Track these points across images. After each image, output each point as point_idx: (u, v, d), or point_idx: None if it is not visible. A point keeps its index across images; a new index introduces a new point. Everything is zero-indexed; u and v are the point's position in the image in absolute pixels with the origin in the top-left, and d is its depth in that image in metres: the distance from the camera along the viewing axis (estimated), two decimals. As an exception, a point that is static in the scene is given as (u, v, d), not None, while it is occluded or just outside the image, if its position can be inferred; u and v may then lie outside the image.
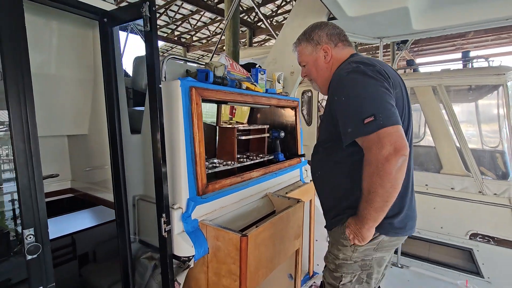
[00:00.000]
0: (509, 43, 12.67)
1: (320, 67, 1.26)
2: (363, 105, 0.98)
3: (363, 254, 1.15)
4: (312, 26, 1.29)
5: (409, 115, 1.16)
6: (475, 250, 3.49)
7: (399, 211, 1.12)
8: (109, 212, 2.30)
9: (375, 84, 1.00)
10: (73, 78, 1.61)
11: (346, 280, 1.17)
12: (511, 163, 3.58)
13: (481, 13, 2.04)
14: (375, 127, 0.93)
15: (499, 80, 3.45)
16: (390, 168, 0.91)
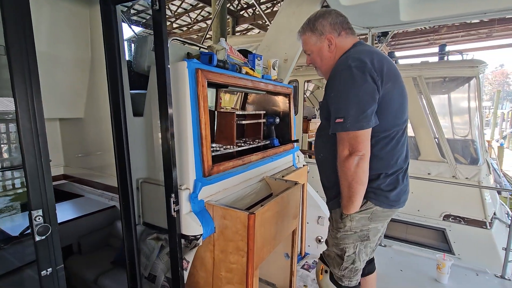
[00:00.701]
0: (477, 39, 13.49)
1: (325, 56, 1.32)
2: (340, 106, 1.13)
3: (360, 223, 1.26)
4: (316, 15, 1.32)
5: (403, 103, 1.24)
6: (448, 230, 3.80)
7: (394, 187, 1.24)
8: (93, 202, 2.29)
9: (358, 87, 1.11)
10: (68, 57, 1.54)
11: (350, 252, 1.28)
12: (481, 151, 3.88)
13: (462, 7, 2.19)
14: (340, 129, 1.12)
15: (472, 72, 3.70)
16: (349, 165, 1.12)
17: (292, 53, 2.46)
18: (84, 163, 1.86)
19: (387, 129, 1.19)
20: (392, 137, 1.21)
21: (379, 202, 1.23)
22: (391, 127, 1.20)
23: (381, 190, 1.22)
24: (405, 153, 1.28)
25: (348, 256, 1.29)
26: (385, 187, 1.22)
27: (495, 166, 8.12)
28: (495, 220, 3.77)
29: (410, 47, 15.67)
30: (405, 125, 1.28)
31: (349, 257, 1.29)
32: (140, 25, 12.27)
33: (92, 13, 1.52)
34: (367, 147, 1.13)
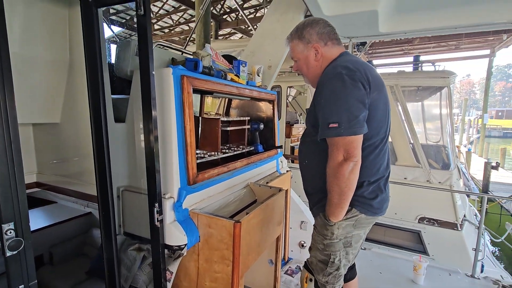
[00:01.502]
0: (447, 51, 14.43)
1: (311, 64, 1.34)
2: (333, 111, 1.13)
3: (345, 231, 1.28)
4: (304, 23, 1.34)
5: (386, 112, 1.29)
6: (423, 232, 3.97)
7: (377, 195, 1.28)
8: (67, 209, 2.17)
9: (349, 93, 1.13)
10: (44, 59, 1.46)
11: (336, 259, 1.31)
12: (452, 156, 4.11)
13: (435, 21, 2.34)
14: (335, 134, 1.12)
15: (444, 82, 3.93)
16: (343, 171, 1.12)
17: (276, 59, 2.49)
18: (59, 169, 1.77)
19: (371, 137, 1.22)
20: (376, 145, 1.25)
21: (364, 209, 1.26)
22: (375, 135, 1.23)
23: (364, 198, 1.25)
24: (386, 162, 1.32)
25: (333, 263, 1.31)
26: (368, 195, 1.25)
27: (464, 170, 8.63)
28: (465, 222, 3.99)
29: (386, 56, 16.46)
30: (387, 134, 1.31)
31: (334, 264, 1.31)
32: (119, 25, 11.93)
33: (71, 13, 1.46)
34: (360, 154, 1.14)
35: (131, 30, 13.92)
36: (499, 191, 9.59)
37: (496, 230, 7.08)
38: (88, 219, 2.20)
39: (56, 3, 1.41)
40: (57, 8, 1.42)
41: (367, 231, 1.44)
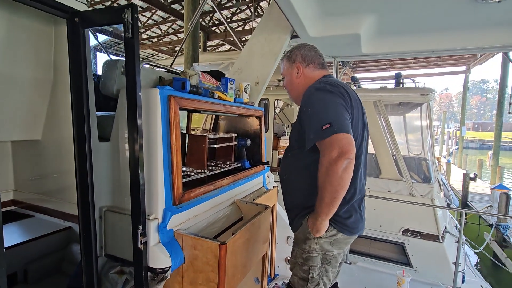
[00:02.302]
0: (426, 66, 15.22)
1: (293, 82, 1.48)
2: (323, 115, 1.17)
3: (323, 247, 1.32)
4: (295, 46, 1.51)
5: (363, 130, 1.35)
6: (407, 244, 4.05)
7: (350, 215, 1.32)
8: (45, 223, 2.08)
9: (335, 100, 1.21)
10: (27, 77, 1.43)
11: (315, 274, 1.33)
12: (433, 169, 4.26)
13: (413, 45, 2.49)
14: (330, 133, 1.12)
15: (423, 99, 4.11)
16: (337, 168, 1.09)
17: (263, 76, 2.54)
18: (38, 187, 1.71)
19: None
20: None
21: (341, 229, 1.30)
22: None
23: (339, 217, 1.28)
24: (362, 181, 1.36)
25: (313, 278, 1.33)
26: (342, 214, 1.28)
27: (444, 181, 8.94)
28: (446, 234, 4.11)
29: (370, 70, 17.11)
30: (363, 155, 1.36)
31: (314, 279, 1.33)
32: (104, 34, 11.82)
33: (57, 32, 1.45)
34: (355, 153, 1.12)
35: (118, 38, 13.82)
36: (477, 201, 9.96)
37: (475, 239, 7.33)
38: (68, 233, 2.11)
39: (41, 21, 1.40)
40: (42, 26, 1.40)
41: (346, 251, 1.48)
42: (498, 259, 6.51)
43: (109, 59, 1.48)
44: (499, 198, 7.64)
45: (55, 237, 2.02)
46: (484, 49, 2.29)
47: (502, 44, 2.18)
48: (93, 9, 1.24)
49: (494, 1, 1.70)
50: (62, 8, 1.19)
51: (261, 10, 11.06)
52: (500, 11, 1.90)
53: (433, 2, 1.83)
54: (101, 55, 2.68)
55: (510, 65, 11.52)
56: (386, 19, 2.12)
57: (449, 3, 1.84)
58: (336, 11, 2.11)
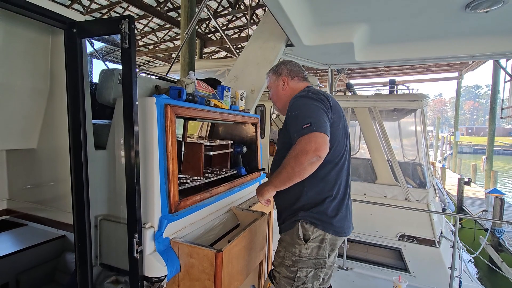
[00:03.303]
0: (419, 72, 15.48)
1: (279, 93, 1.62)
2: (305, 116, 1.27)
3: (315, 252, 1.35)
4: (280, 62, 1.66)
5: (345, 135, 1.45)
6: (403, 249, 4.05)
7: (336, 213, 1.37)
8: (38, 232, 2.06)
9: (316, 104, 1.33)
10: (23, 87, 1.43)
11: (302, 274, 1.36)
12: (428, 174, 4.30)
13: (405, 53, 2.54)
14: (309, 130, 1.22)
15: (417, 105, 4.17)
16: (305, 159, 1.19)
17: (259, 84, 2.56)
18: (33, 196, 1.70)
19: (332, 154, 1.35)
20: (336, 162, 1.38)
21: (326, 228, 1.34)
22: (336, 153, 1.37)
23: (326, 216, 1.34)
24: (346, 182, 1.44)
25: (299, 278, 1.36)
26: (330, 212, 1.34)
27: (440, 185, 9.01)
28: (442, 239, 4.13)
29: (364, 76, 17.32)
30: (346, 157, 1.44)
31: (300, 279, 1.36)
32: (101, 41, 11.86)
33: (54, 41, 1.46)
34: (325, 155, 1.21)
35: (114, 45, 13.83)
36: (472, 205, 10.03)
37: (471, 244, 7.36)
38: (62, 242, 2.08)
39: (38, 31, 1.41)
40: (40, 36, 1.42)
41: (334, 256, 1.52)
42: (494, 264, 6.53)
43: (106, 68, 1.50)
44: (494, 202, 7.71)
45: (48, 246, 1.99)
46: (474, 57, 2.35)
47: (492, 52, 2.25)
48: (90, 19, 1.25)
49: (482, 11, 1.76)
50: (60, 19, 1.20)
51: (256, 17, 11.21)
52: (488, 20, 1.96)
53: (424, 12, 1.89)
54: (97, 62, 2.69)
55: (501, 71, 11.75)
56: (378, 28, 2.17)
57: (439, 13, 1.90)
58: (330, 21, 2.16)
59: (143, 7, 8.67)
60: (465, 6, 1.76)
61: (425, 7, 1.81)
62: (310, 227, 1.33)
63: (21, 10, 1.09)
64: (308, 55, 2.71)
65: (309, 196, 1.35)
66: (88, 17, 9.95)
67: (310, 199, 1.35)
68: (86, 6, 9.68)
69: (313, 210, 1.34)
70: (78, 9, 9.69)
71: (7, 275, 1.80)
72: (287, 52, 2.57)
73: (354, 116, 4.55)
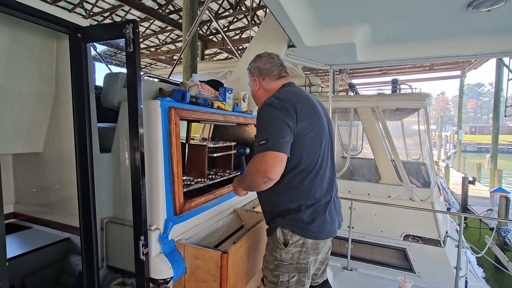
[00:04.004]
0: (422, 71, 15.41)
1: (254, 94, 1.55)
2: (264, 131, 1.23)
3: (296, 256, 1.31)
4: (253, 58, 1.53)
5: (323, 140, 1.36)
6: (408, 250, 4.03)
7: (314, 219, 1.31)
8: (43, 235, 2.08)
9: (278, 116, 1.24)
10: (29, 91, 1.46)
11: (284, 279, 1.32)
12: (432, 174, 4.28)
13: (408, 53, 2.53)
14: (263, 148, 1.19)
15: (420, 104, 4.15)
16: (257, 178, 1.20)
17: (261, 85, 2.56)
18: (39, 199, 1.71)
19: (303, 163, 1.30)
20: (310, 171, 1.31)
21: (304, 233, 1.30)
22: (307, 161, 1.31)
23: (303, 222, 1.30)
24: (325, 187, 1.37)
25: (282, 282, 1.32)
26: (306, 218, 1.30)
27: (444, 185, 8.94)
28: (447, 238, 4.10)
29: (365, 75, 17.28)
30: (324, 163, 1.37)
31: (283, 283, 1.32)
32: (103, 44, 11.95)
33: (59, 45, 1.48)
34: (279, 174, 1.19)
35: (117, 49, 13.87)
36: (477, 205, 9.95)
37: (476, 243, 7.30)
38: (66, 244, 2.10)
39: (43, 36, 1.43)
40: (45, 41, 1.44)
41: (323, 255, 1.46)
42: (500, 263, 6.47)
43: (110, 72, 1.51)
44: (499, 201, 7.63)
45: (53, 248, 2.01)
46: (476, 56, 2.34)
47: (494, 51, 2.23)
48: (94, 24, 1.27)
49: (484, 10, 1.75)
50: (65, 24, 1.22)
51: (257, 18, 11.24)
52: (490, 19, 1.95)
53: (425, 11, 1.89)
54: (100, 65, 2.72)
55: (505, 69, 11.67)
56: (379, 28, 2.17)
57: (441, 12, 1.89)
58: (331, 21, 2.16)
59: (145, 10, 8.73)
60: (467, 5, 1.76)
61: (427, 7, 1.81)
62: (288, 233, 1.31)
63: (27, 16, 1.11)
64: (310, 56, 2.71)
65: (284, 204, 1.33)
66: (91, 21, 10.04)
67: (286, 206, 1.33)
68: (88, 10, 9.75)
69: (289, 217, 1.31)
70: (80, 12, 9.77)
71: (13, 277, 1.82)
72: (289, 53, 2.57)
73: (357, 116, 4.54)
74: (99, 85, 1.69)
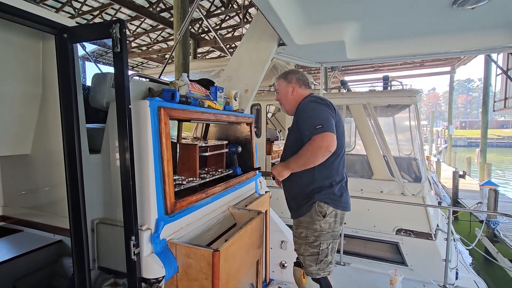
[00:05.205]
0: (412, 67, 15.60)
1: (288, 97, 1.88)
2: (316, 119, 1.58)
3: (331, 226, 1.65)
4: (290, 70, 1.92)
5: (343, 131, 1.76)
6: (400, 243, 4.10)
7: (342, 193, 1.70)
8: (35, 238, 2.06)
9: (324, 109, 1.64)
10: (14, 92, 1.43)
11: (324, 247, 1.65)
12: (423, 169, 4.35)
13: (396, 50, 2.58)
14: (321, 131, 1.53)
15: (411, 100, 4.21)
16: (320, 152, 1.53)
17: (252, 84, 2.57)
18: (28, 202, 1.70)
19: (337, 147, 1.61)
20: (338, 154, 1.69)
21: (336, 205, 1.66)
22: (338, 146, 1.63)
23: (335, 195, 1.66)
24: (344, 167, 1.78)
25: (322, 250, 1.64)
26: (337, 192, 1.67)
27: (435, 179, 9.09)
28: (439, 232, 4.18)
29: (358, 72, 17.41)
30: (344, 149, 1.77)
31: (323, 251, 1.64)
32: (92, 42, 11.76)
33: (45, 46, 1.46)
34: (335, 148, 1.53)
35: (107, 48, 13.68)
36: (467, 198, 10.16)
37: (467, 236, 7.46)
38: (59, 247, 2.08)
39: (29, 37, 1.41)
40: (31, 42, 1.41)
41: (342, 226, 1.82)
42: (490, 254, 6.63)
43: (98, 72, 1.50)
44: (488, 194, 7.81)
45: (45, 251, 1.99)
46: (463, 52, 2.38)
47: (480, 47, 2.28)
48: (81, 24, 1.26)
49: (468, 8, 1.79)
50: (50, 24, 1.20)
51: (249, 16, 11.19)
52: (475, 17, 1.99)
53: (412, 9, 1.91)
54: (90, 64, 2.68)
55: (493, 65, 11.89)
56: (368, 26, 2.19)
57: (427, 10, 1.93)
58: (320, 20, 2.17)
59: (135, 8, 8.61)
60: (452, 3, 1.79)
61: (413, 4, 1.84)
62: (324, 205, 1.63)
63: (11, 16, 1.09)
64: (300, 54, 2.73)
65: (319, 181, 1.65)
66: (79, 19, 9.86)
67: (320, 183, 1.65)
68: (77, 9, 9.58)
69: (324, 192, 1.64)
70: (69, 11, 9.59)
71: (4, 282, 1.80)
72: (279, 51, 2.58)
73: (349, 113, 4.58)
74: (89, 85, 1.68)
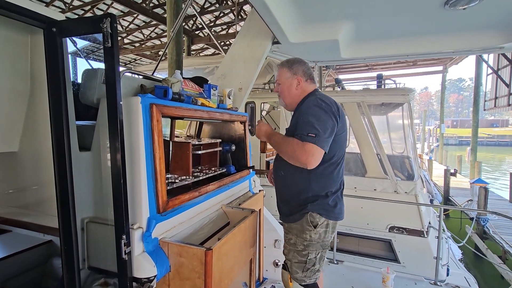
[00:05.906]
0: (406, 66, 15.77)
1: (292, 91, 1.68)
2: (313, 127, 1.44)
3: (322, 236, 1.59)
4: (296, 59, 1.71)
5: (346, 137, 1.70)
6: (393, 241, 4.15)
7: (336, 203, 1.62)
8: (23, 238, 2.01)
9: (327, 119, 1.48)
10: (1, 88, 1.39)
11: (312, 256, 1.59)
12: (415, 167, 4.40)
13: (390, 50, 2.59)
14: (311, 140, 1.41)
15: (404, 99, 4.25)
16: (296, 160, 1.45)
17: (246, 82, 2.56)
18: (17, 201, 1.66)
19: (334, 157, 1.56)
20: (337, 163, 1.60)
21: (329, 216, 1.58)
22: (337, 155, 1.58)
23: (329, 206, 1.58)
24: (342, 177, 1.67)
25: (310, 260, 1.58)
26: (331, 203, 1.59)
27: (427, 177, 9.22)
28: (430, 229, 4.24)
29: (351, 70, 17.53)
30: (344, 155, 1.65)
31: (311, 260, 1.58)
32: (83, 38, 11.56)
33: (33, 40, 1.41)
34: (316, 165, 1.43)
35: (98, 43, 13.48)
36: (458, 195, 10.34)
37: (457, 232, 7.60)
38: (49, 247, 2.04)
39: (16, 31, 1.37)
40: (18, 36, 1.37)
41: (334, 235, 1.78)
42: (480, 251, 6.77)
43: (89, 67, 1.46)
44: (478, 192, 7.96)
45: (34, 251, 1.95)
46: (455, 53, 2.41)
47: (472, 48, 2.31)
48: (71, 18, 1.22)
49: (460, 8, 1.81)
50: (39, 18, 1.17)
51: (244, 13, 11.14)
52: (467, 17, 2.01)
53: (405, 9, 1.92)
54: (81, 60, 2.64)
55: (484, 65, 12.08)
56: (362, 25, 2.20)
57: (420, 10, 1.94)
58: (315, 18, 2.17)
59: (128, 3, 8.50)
60: (444, 4, 1.81)
61: (406, 4, 1.85)
62: (316, 216, 1.56)
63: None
64: (295, 52, 2.72)
65: (314, 190, 1.56)
66: (70, 14, 9.68)
67: (315, 193, 1.56)
68: (68, 3, 9.40)
69: (318, 202, 1.56)
70: (60, 6, 9.40)
71: None
72: (273, 49, 2.57)
73: (343, 111, 4.61)
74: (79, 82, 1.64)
